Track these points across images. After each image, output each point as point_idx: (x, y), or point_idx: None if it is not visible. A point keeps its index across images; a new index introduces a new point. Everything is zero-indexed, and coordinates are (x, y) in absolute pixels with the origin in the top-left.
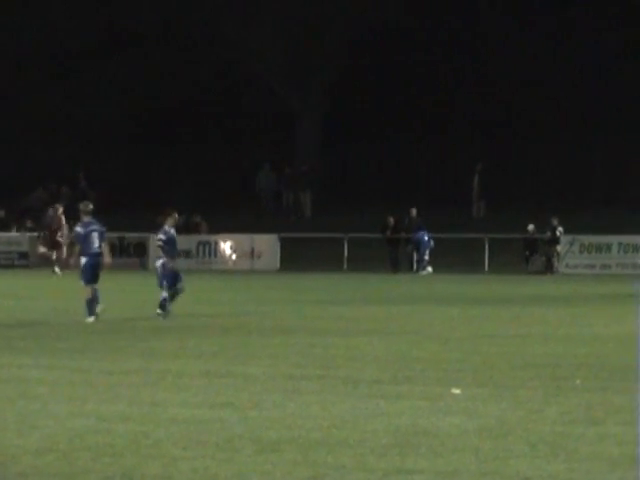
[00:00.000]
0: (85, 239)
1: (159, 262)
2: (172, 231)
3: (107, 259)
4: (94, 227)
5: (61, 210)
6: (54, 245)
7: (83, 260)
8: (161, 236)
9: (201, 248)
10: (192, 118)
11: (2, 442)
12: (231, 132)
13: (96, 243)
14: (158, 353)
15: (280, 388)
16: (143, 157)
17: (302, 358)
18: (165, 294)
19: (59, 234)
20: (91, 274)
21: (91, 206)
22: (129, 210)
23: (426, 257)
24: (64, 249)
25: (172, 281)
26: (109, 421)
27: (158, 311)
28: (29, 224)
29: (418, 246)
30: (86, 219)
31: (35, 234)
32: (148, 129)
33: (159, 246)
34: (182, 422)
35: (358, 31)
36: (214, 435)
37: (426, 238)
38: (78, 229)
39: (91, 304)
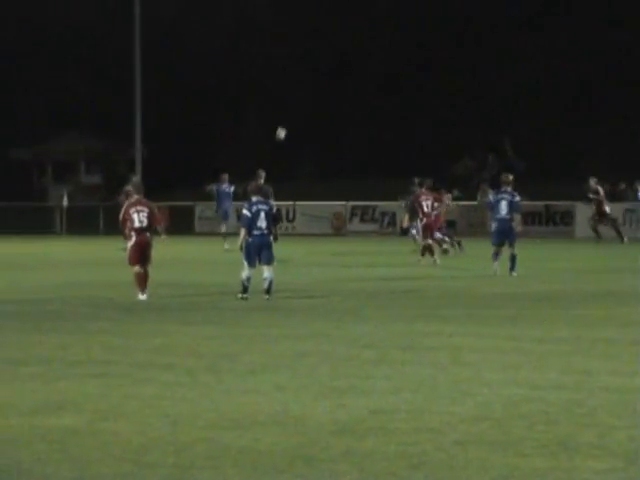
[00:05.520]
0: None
1: None
2: None
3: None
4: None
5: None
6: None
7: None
8: None
9: (628, 215)
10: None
11: (437, 409)
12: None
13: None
14: (587, 321)
15: None
16: (572, 124)
17: None
18: None
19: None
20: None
21: (511, 177)
22: (556, 179)
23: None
24: None
25: None
26: (542, 389)
27: None
28: (456, 193)
29: None
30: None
31: (462, 203)
32: (571, 99)
33: None
34: (615, 391)
35: None
36: None
37: None
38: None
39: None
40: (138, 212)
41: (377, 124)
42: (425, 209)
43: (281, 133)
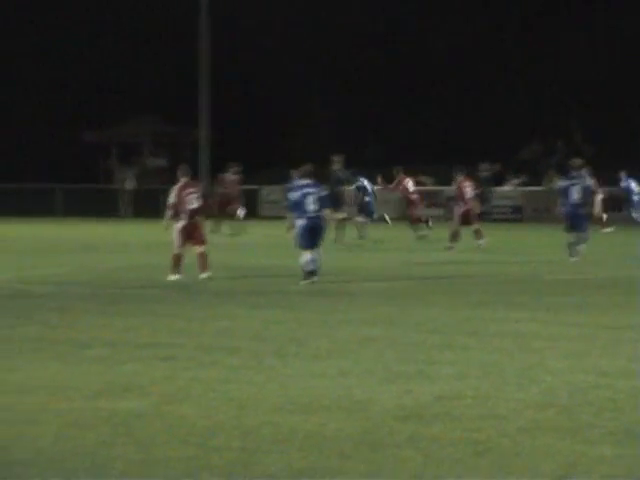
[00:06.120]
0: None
1: None
2: None
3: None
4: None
5: None
6: None
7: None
8: None
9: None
10: None
11: (503, 395)
12: None
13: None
14: None
15: None
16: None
17: None
18: None
19: None
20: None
21: (580, 162)
22: (625, 165)
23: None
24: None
25: None
26: (610, 376)
27: None
28: (524, 178)
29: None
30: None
31: (529, 188)
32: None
33: None
34: None
35: None
36: None
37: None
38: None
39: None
40: (191, 194)
41: (444, 108)
42: (467, 196)
43: (241, 213)
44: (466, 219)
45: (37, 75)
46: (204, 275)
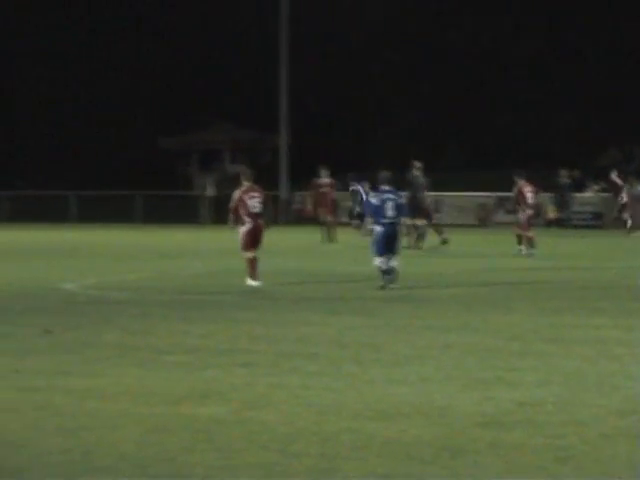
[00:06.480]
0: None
1: None
2: None
3: None
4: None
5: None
6: None
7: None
8: None
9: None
10: None
11: (584, 402)
12: None
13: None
14: None
15: None
16: None
17: None
18: None
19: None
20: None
21: None
22: None
23: None
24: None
25: None
26: None
27: None
28: (603, 184)
29: None
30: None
31: (607, 195)
32: None
33: None
34: None
35: None
36: None
37: None
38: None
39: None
40: (252, 198)
41: (524, 115)
42: (529, 200)
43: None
44: (529, 223)
45: (117, 83)
46: (254, 283)
